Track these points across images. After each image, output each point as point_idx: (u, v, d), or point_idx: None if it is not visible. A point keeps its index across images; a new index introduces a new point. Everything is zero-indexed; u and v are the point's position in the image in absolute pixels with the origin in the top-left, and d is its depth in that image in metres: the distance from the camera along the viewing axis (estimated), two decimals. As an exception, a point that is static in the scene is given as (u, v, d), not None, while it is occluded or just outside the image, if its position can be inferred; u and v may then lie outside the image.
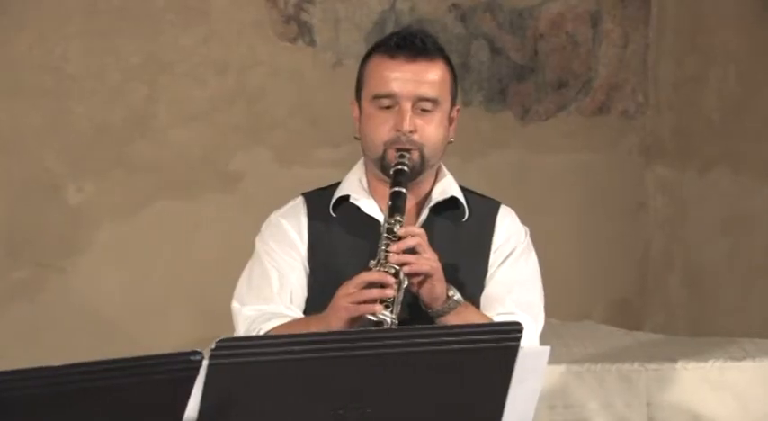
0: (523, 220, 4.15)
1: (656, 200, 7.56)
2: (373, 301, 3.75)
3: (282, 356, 3.52)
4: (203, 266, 6.16)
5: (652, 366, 5.42)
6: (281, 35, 6.91)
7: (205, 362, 3.35)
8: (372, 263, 3.82)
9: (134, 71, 6.65)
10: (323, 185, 4.17)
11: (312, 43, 6.94)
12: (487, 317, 3.95)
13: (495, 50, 7.27)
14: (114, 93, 6.65)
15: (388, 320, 3.75)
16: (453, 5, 7.16)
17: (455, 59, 4.24)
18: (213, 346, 3.39)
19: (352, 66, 4.22)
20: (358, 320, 3.76)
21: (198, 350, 3.39)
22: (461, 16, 7.19)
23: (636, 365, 5.46)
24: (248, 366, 3.45)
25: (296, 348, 3.59)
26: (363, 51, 4.27)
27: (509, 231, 4.11)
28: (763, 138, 7.13)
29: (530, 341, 3.80)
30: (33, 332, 6.27)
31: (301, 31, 6.94)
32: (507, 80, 7.29)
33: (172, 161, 6.67)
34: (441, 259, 3.92)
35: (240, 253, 4.28)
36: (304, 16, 6.95)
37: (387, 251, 3.83)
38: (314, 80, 6.76)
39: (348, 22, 6.92)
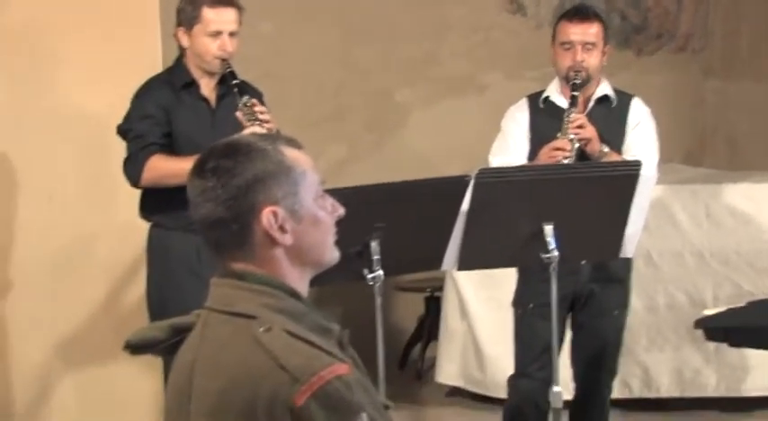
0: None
1: (710, 97, 7.43)
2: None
3: (511, 179, 3.62)
4: (469, 136, 6.06)
5: (709, 186, 5.36)
6: (508, 9, 6.82)
7: (472, 182, 3.45)
8: (559, 134, 3.91)
9: (433, 36, 6.61)
10: (532, 92, 4.24)
11: (524, 14, 6.82)
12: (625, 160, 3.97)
13: (623, 17, 7.16)
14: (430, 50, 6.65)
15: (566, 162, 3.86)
16: (601, -8, 7.07)
17: (603, 21, 4.26)
18: (476, 172, 3.50)
19: (546, 28, 4.25)
20: None
21: (468, 174, 3.48)
22: (606, -2, 7.09)
23: (698, 185, 5.40)
24: (496, 183, 3.55)
25: (519, 174, 3.69)
26: (553, 19, 4.31)
27: (638, 111, 4.14)
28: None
29: (650, 170, 3.85)
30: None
31: (519, 7, 6.85)
32: (629, 33, 7.18)
33: (454, 78, 6.63)
34: (599, 130, 3.98)
35: (481, 127, 4.36)
36: (520, -1, 6.92)
37: (567, 127, 3.91)
38: (525, 36, 6.66)
39: (545, 3, 6.82)
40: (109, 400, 4.68)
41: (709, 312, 3.72)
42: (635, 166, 3.63)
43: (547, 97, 4.11)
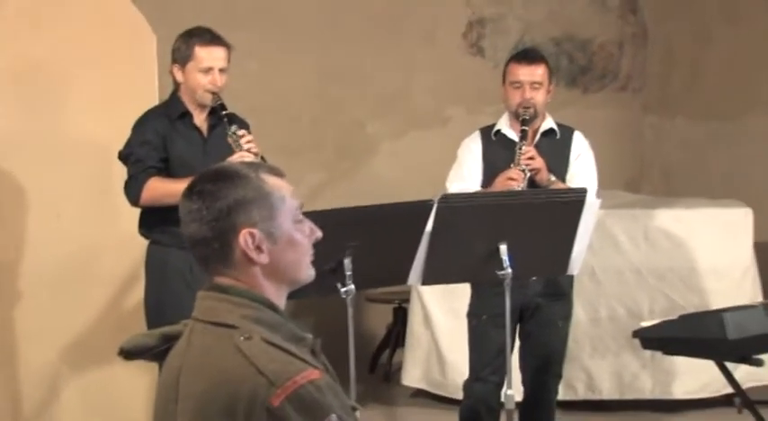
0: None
1: (648, 131, 7.44)
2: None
3: (470, 204, 3.60)
4: (433, 164, 6.06)
5: (646, 211, 5.34)
6: (469, 52, 6.85)
7: (435, 206, 3.44)
8: (512, 164, 3.89)
9: (403, 74, 6.59)
10: (486, 125, 4.23)
11: (483, 56, 6.86)
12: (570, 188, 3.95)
13: (570, 59, 7.17)
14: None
15: (519, 189, 3.84)
16: (551, 38, 7.04)
17: (552, 63, 4.27)
18: (440, 198, 3.48)
19: (501, 68, 4.22)
20: None
21: (431, 199, 3.46)
22: (556, 43, 7.07)
23: (637, 210, 5.39)
24: (457, 207, 3.53)
25: (477, 199, 3.66)
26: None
27: (579, 144, 4.13)
28: (701, 104, 7.00)
29: (592, 196, 3.83)
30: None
31: (479, 50, 6.87)
32: (576, 73, 7.19)
33: (421, 112, 6.65)
34: (546, 161, 3.96)
35: (445, 156, 4.34)
36: (480, 43, 6.88)
37: (519, 158, 3.89)
38: (484, 75, 6.63)
39: (501, 47, 6.83)
40: (110, 400, 4.62)
41: (645, 324, 3.72)
42: (581, 193, 3.63)
43: (498, 130, 4.11)
